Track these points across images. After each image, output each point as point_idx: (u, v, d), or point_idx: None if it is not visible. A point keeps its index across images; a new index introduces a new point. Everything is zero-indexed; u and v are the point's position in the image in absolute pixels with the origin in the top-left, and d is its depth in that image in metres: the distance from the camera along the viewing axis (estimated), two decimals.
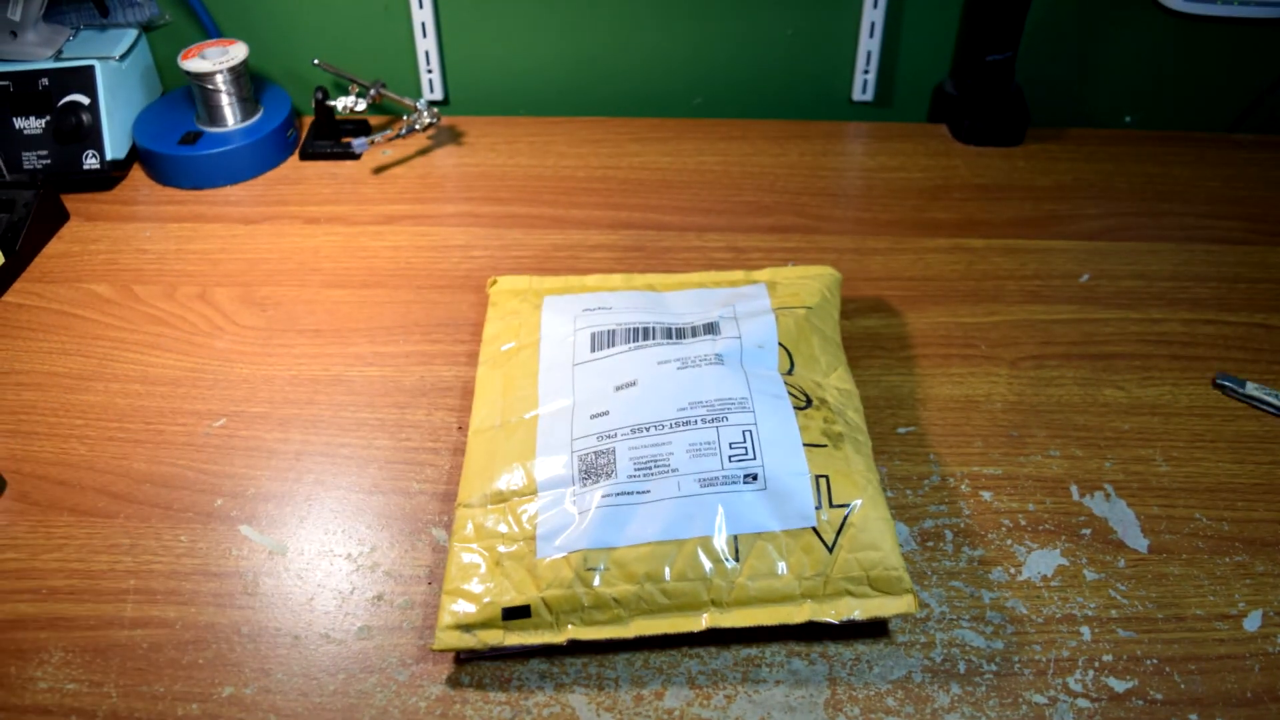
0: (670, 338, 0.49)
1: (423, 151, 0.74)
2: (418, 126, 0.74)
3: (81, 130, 0.70)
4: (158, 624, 0.43)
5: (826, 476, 0.42)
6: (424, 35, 0.76)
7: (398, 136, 0.73)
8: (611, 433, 0.45)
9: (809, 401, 0.45)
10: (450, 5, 0.75)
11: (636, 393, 0.46)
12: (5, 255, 0.63)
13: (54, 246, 0.66)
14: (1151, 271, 0.62)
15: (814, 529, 0.41)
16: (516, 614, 0.41)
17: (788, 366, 0.48)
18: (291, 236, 0.66)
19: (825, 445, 0.44)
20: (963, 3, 0.73)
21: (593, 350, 0.49)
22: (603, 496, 0.43)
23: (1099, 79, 0.76)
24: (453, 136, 0.75)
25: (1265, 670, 0.41)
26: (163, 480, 0.49)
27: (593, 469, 0.44)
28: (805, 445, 0.43)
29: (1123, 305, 0.60)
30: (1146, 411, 0.53)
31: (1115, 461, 0.50)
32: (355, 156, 0.74)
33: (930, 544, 0.46)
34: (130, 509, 0.48)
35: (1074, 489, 0.49)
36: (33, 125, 0.70)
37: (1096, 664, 0.41)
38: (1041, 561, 0.45)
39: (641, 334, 0.49)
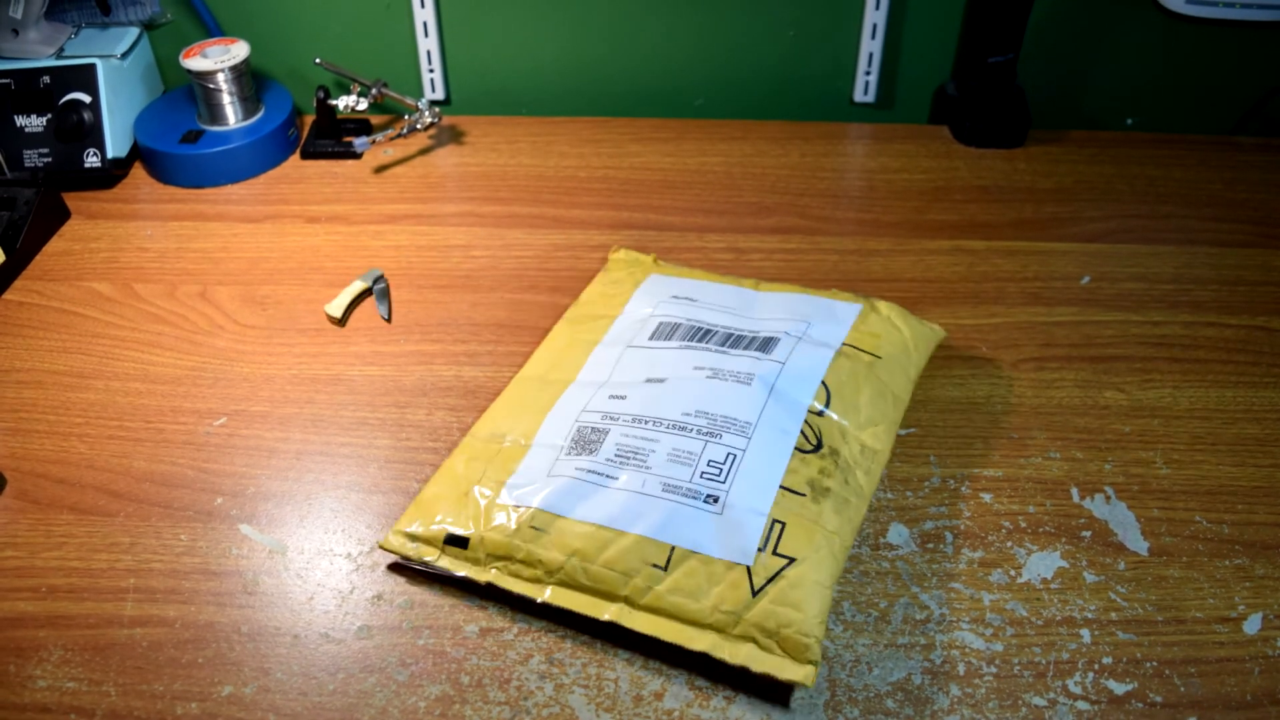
0: (723, 345, 0.49)
1: (424, 151, 0.74)
2: (419, 126, 0.74)
3: (83, 128, 0.70)
4: (157, 623, 0.43)
5: (784, 524, 0.42)
6: (425, 35, 0.76)
7: (399, 136, 0.73)
8: (615, 416, 0.46)
9: (818, 446, 0.44)
10: (452, 5, 0.75)
11: (659, 389, 0.47)
12: (6, 253, 0.63)
13: (55, 244, 0.66)
14: (1152, 274, 0.62)
15: (747, 568, 0.41)
16: (457, 542, 0.43)
17: (821, 406, 0.46)
18: (292, 235, 0.66)
19: (804, 495, 0.43)
20: (964, 5, 0.73)
21: (650, 338, 0.51)
22: (576, 469, 0.44)
23: (1100, 81, 0.76)
24: (454, 136, 0.75)
25: (1265, 673, 0.41)
26: (163, 479, 0.49)
27: (583, 442, 0.45)
28: (783, 487, 0.43)
29: (1124, 307, 0.60)
30: (1147, 414, 0.53)
31: (1115, 464, 0.50)
32: (356, 156, 0.74)
33: (930, 546, 0.46)
34: (130, 507, 0.48)
35: (1074, 491, 0.49)
36: (34, 123, 0.70)
37: (1096, 666, 0.41)
38: (1041, 564, 0.45)
39: (700, 335, 0.50)
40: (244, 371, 0.55)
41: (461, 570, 0.43)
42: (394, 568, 0.45)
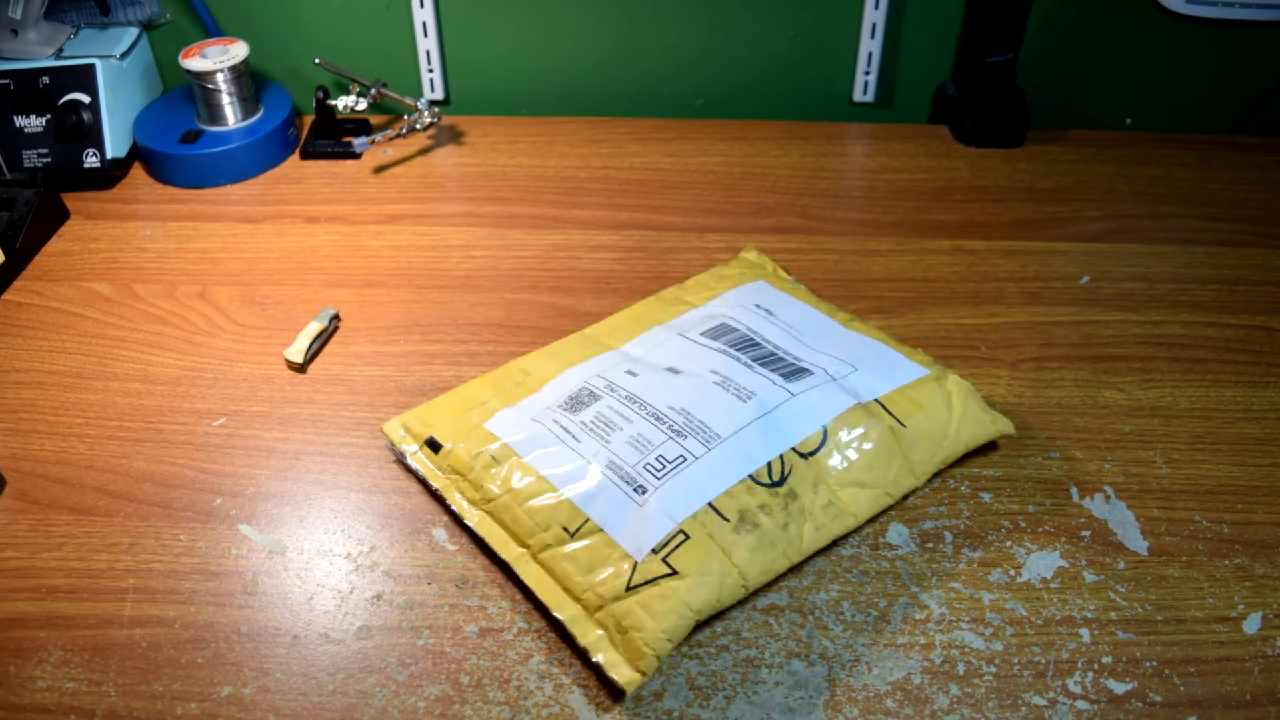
0: (755, 360, 0.49)
1: (423, 151, 0.74)
2: (418, 126, 0.74)
3: (82, 129, 0.70)
4: (157, 623, 0.43)
5: (687, 537, 0.42)
6: (425, 35, 0.76)
7: (398, 136, 0.73)
8: (615, 388, 0.48)
9: (778, 482, 0.44)
10: (451, 5, 0.75)
11: (668, 379, 0.48)
12: (5, 253, 0.63)
13: (54, 245, 0.66)
14: (1153, 274, 0.62)
15: (634, 563, 0.41)
16: (433, 446, 0.47)
17: (813, 448, 0.45)
18: (292, 236, 0.66)
19: (727, 520, 0.42)
20: (964, 4, 0.73)
21: (702, 334, 0.51)
22: (553, 422, 0.46)
23: (1100, 81, 0.76)
24: (453, 136, 0.75)
25: (1264, 672, 0.41)
26: (162, 479, 0.49)
27: (575, 401, 0.47)
28: (710, 505, 0.43)
29: (1124, 307, 0.60)
30: (1147, 413, 0.53)
31: (1115, 463, 0.50)
32: (356, 156, 0.74)
33: (930, 545, 0.46)
34: (130, 508, 0.48)
35: (1074, 491, 0.49)
36: (33, 123, 0.71)
37: (1096, 666, 0.41)
38: (1041, 563, 0.45)
39: (745, 345, 0.50)
40: (243, 372, 0.56)
41: (423, 471, 0.47)
42: (393, 569, 0.45)
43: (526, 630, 0.43)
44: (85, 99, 0.71)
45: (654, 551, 0.41)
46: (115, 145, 0.71)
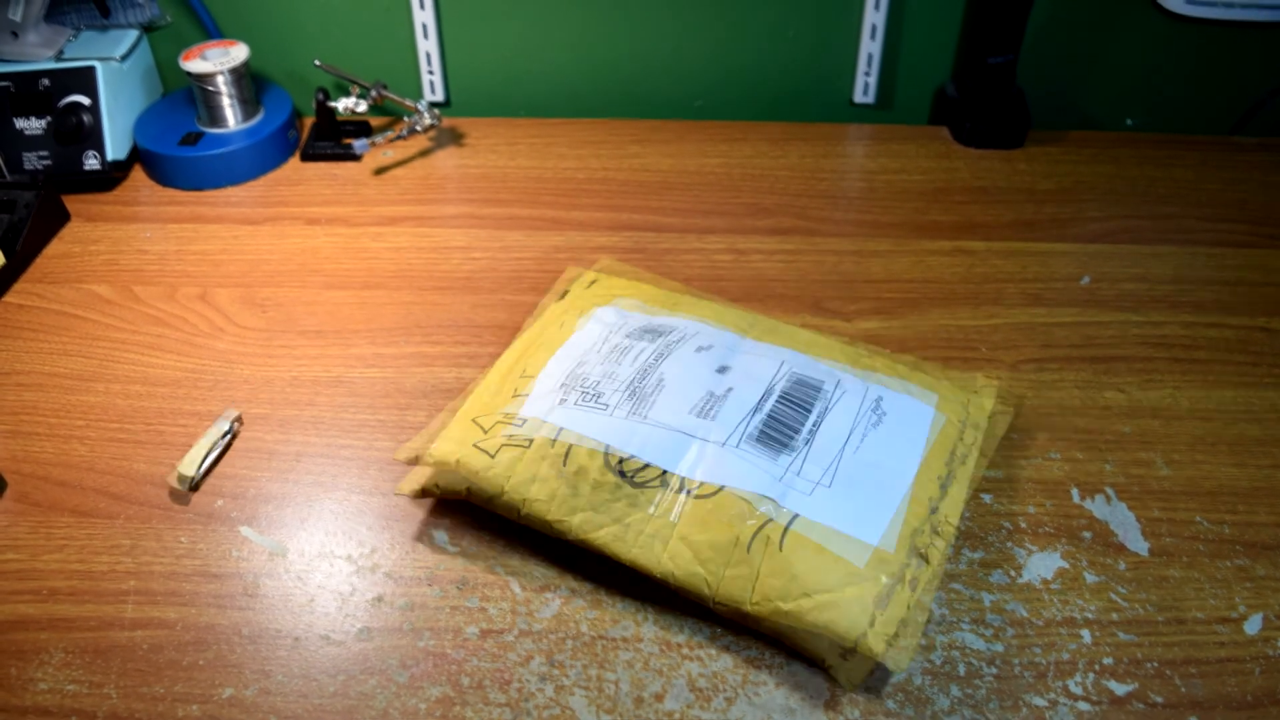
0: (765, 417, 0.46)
1: (424, 153, 0.74)
2: (419, 128, 0.74)
3: (82, 131, 0.70)
4: (158, 625, 0.43)
5: (529, 443, 0.45)
6: (425, 36, 0.76)
7: (399, 138, 0.74)
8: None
9: (627, 476, 0.43)
10: (451, 7, 0.75)
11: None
12: (6, 256, 0.63)
13: (54, 247, 0.66)
14: (1153, 274, 0.62)
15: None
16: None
17: (691, 490, 0.43)
18: (292, 237, 0.66)
19: (563, 465, 0.43)
20: (964, 5, 0.73)
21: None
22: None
23: (1100, 82, 0.77)
24: (454, 138, 0.76)
25: (1266, 673, 0.41)
26: (163, 481, 0.50)
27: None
28: (570, 441, 0.44)
29: (1124, 308, 0.60)
30: (1147, 414, 0.53)
31: (1116, 464, 0.50)
32: (356, 158, 0.74)
33: None
34: (131, 510, 0.48)
35: (1075, 491, 0.49)
36: (34, 126, 0.71)
37: (1097, 667, 0.41)
38: (1042, 564, 0.45)
39: (796, 398, 0.47)
40: (244, 374, 0.56)
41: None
42: (394, 571, 0.45)
43: (527, 632, 0.43)
44: (86, 101, 0.71)
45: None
46: (116, 147, 0.71)
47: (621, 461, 0.44)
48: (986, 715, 0.40)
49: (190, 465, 0.48)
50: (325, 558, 0.46)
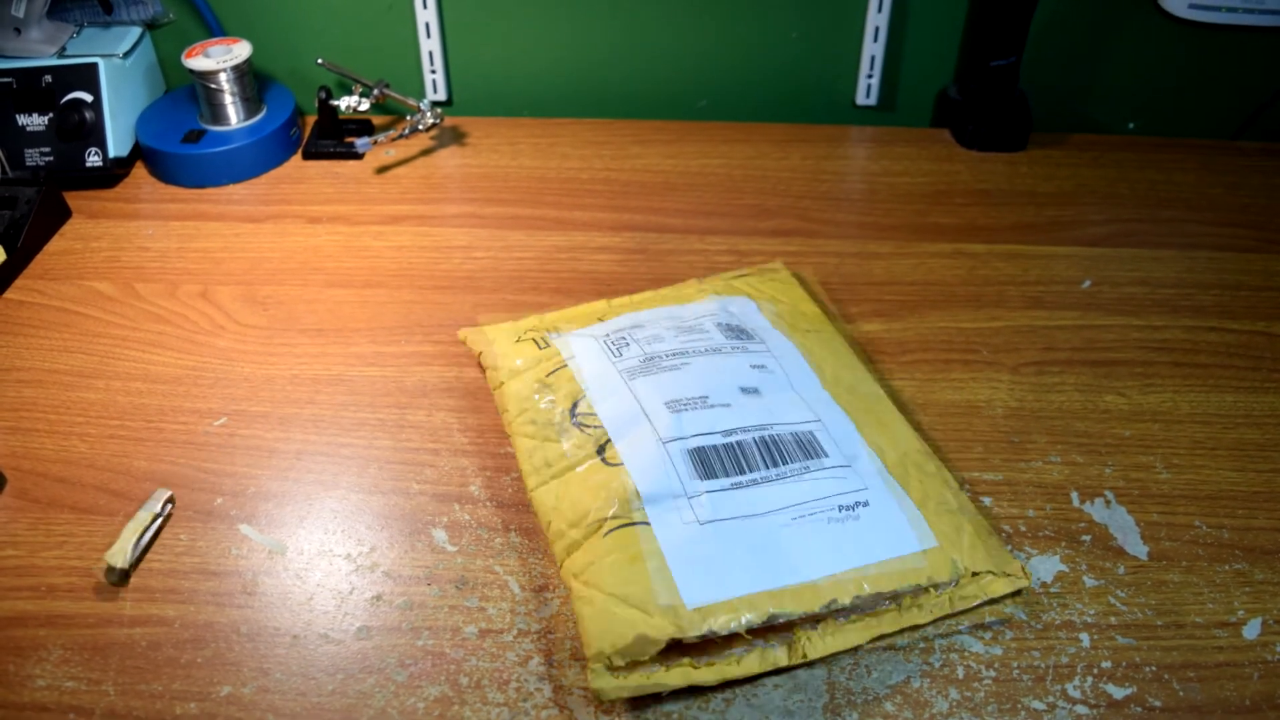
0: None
1: (426, 152, 0.74)
2: (421, 127, 0.74)
3: (84, 127, 0.70)
4: (156, 622, 0.43)
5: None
6: (428, 35, 0.76)
7: (401, 137, 0.74)
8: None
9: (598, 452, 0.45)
10: (454, 6, 0.75)
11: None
12: (7, 252, 0.63)
13: (56, 244, 0.66)
14: (1154, 278, 0.62)
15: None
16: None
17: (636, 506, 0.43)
18: (294, 236, 0.66)
19: (548, 413, 0.48)
20: (967, 8, 0.73)
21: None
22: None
23: (1103, 85, 0.77)
24: (456, 137, 0.76)
25: (1264, 678, 0.41)
26: (163, 478, 0.49)
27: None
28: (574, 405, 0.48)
29: (1125, 311, 0.60)
30: (1148, 418, 0.53)
31: (1116, 468, 0.50)
32: (358, 156, 0.74)
33: None
34: (131, 507, 0.48)
35: (1074, 495, 0.49)
36: (36, 122, 0.71)
37: (1095, 670, 0.41)
38: (1041, 567, 0.45)
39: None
40: (245, 371, 0.56)
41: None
42: (393, 570, 0.45)
43: (526, 632, 0.43)
44: (88, 98, 0.71)
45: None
46: (117, 144, 0.71)
47: (577, 404, 0.47)
48: (984, 718, 0.40)
49: (119, 555, 0.44)
50: (324, 556, 0.46)
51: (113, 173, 0.71)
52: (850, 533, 0.43)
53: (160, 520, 0.46)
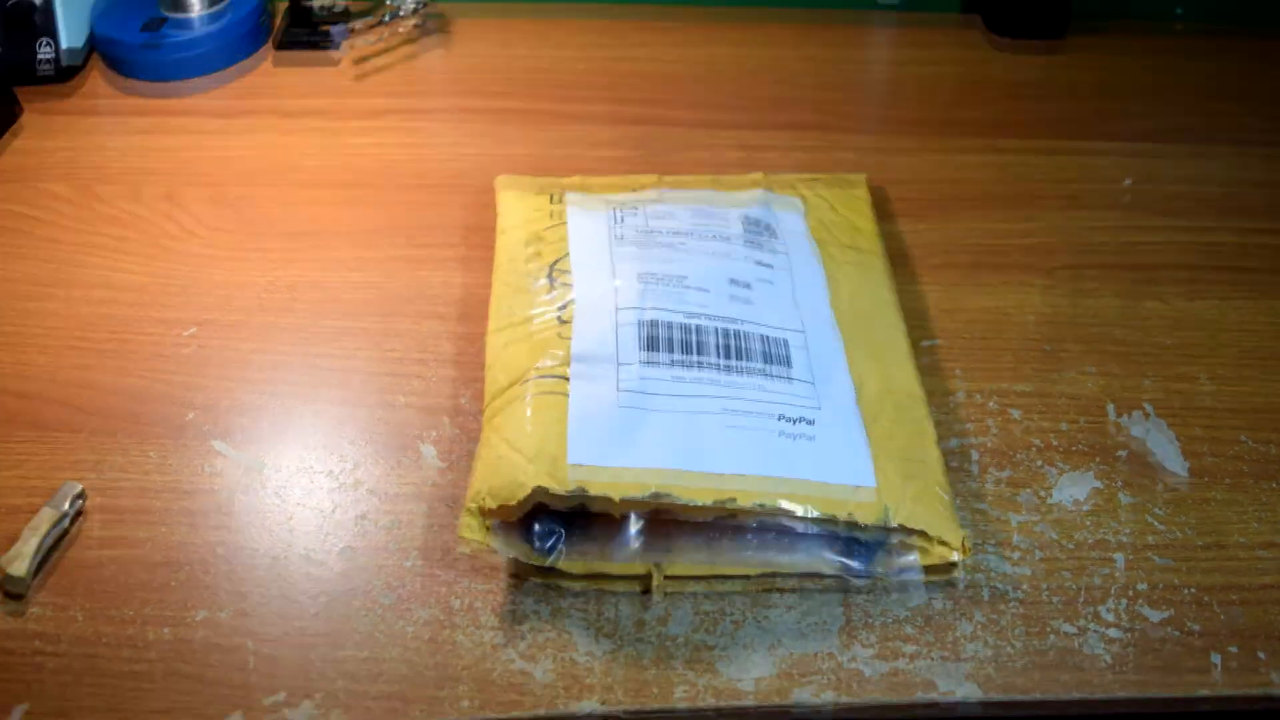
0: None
1: (409, 41, 0.69)
2: (403, 13, 0.68)
3: (34, 17, 0.65)
4: (127, 544, 0.41)
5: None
6: None
7: (380, 24, 0.68)
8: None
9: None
10: None
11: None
12: None
13: (6, 143, 0.61)
14: (1201, 177, 0.58)
15: None
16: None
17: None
18: (266, 133, 0.62)
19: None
20: None
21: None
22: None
23: None
24: (441, 25, 0.70)
25: None
26: (130, 393, 0.47)
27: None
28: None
29: (1169, 213, 0.56)
30: (1191, 326, 0.50)
31: (1156, 379, 0.47)
32: (335, 46, 0.68)
33: (954, 465, 0.44)
34: (95, 423, 0.45)
35: (1110, 408, 0.46)
36: None
37: (1130, 593, 0.39)
38: (1074, 485, 0.43)
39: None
40: (215, 278, 0.52)
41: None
42: (378, 487, 0.43)
43: None
44: None
45: None
46: (71, 35, 0.66)
47: (558, 262, 0.46)
48: (1011, 642, 0.38)
49: (18, 563, 0.38)
50: (304, 473, 0.44)
51: (67, 67, 0.65)
52: (780, 445, 0.40)
53: (69, 520, 0.40)
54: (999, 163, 0.59)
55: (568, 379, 0.41)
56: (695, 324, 0.44)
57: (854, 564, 0.38)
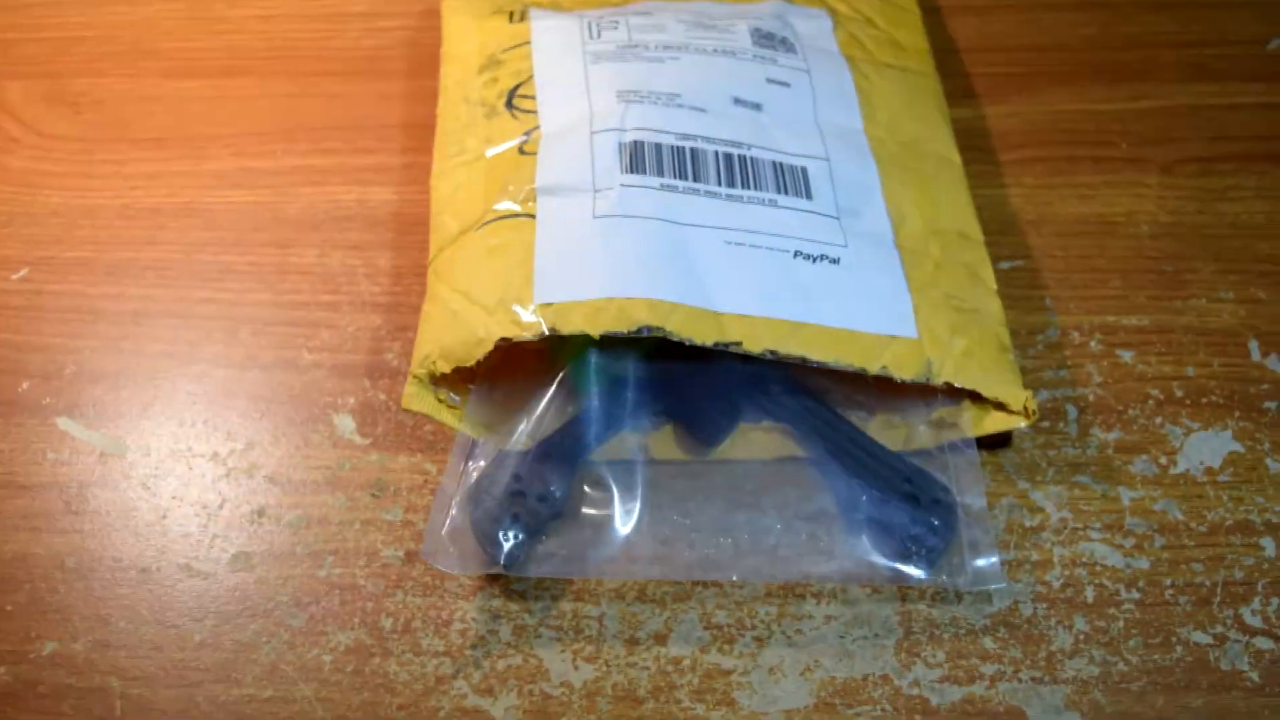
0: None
1: None
2: None
3: None
4: None
5: None
6: None
7: None
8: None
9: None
10: None
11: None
12: None
13: None
14: None
15: None
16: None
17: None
18: (115, 4, 0.60)
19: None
20: None
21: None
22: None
23: None
24: None
25: None
26: None
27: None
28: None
29: None
30: None
31: None
32: None
33: (1046, 424, 0.43)
34: None
35: (1254, 345, 0.46)
36: None
37: None
38: (1205, 447, 0.43)
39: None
40: (53, 203, 0.52)
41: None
42: (279, 473, 0.43)
43: None
44: None
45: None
46: None
47: (519, 86, 0.47)
48: (1125, 656, 0.38)
49: None
50: (181, 457, 0.44)
51: None
52: (797, 282, 0.40)
53: None
54: (1100, 20, 0.58)
55: (534, 216, 0.42)
56: (690, 146, 0.44)
57: (911, 571, 0.38)
